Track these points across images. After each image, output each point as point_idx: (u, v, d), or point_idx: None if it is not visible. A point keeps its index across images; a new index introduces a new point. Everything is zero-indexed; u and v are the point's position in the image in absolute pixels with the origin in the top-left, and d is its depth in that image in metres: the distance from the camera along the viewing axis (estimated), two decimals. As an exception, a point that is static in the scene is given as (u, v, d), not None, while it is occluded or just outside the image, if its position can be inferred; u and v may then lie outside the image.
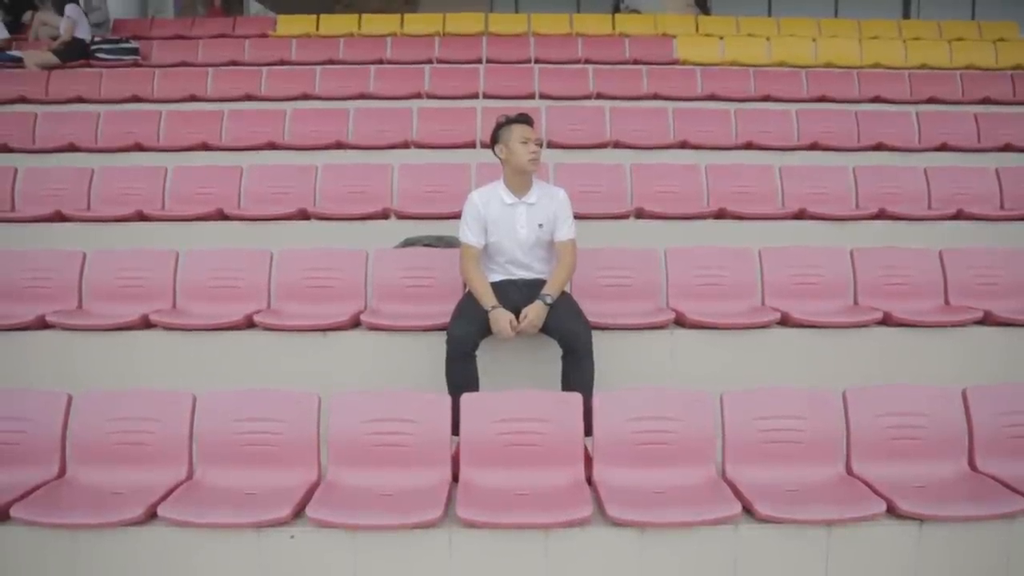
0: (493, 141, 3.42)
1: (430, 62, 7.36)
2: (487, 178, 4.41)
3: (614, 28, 8.71)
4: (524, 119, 3.39)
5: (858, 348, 3.60)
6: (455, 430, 2.72)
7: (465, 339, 3.15)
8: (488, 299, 3.24)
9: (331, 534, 2.43)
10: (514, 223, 3.36)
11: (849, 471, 2.69)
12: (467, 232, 3.38)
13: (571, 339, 3.18)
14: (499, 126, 3.40)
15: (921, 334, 3.62)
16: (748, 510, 2.47)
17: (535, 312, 3.21)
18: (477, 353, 3.20)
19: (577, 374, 3.15)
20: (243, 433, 2.68)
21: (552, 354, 3.26)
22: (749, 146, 5.66)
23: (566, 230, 3.40)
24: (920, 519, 2.47)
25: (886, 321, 3.63)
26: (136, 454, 2.66)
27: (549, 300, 3.23)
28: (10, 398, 2.79)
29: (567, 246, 3.39)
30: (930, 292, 3.85)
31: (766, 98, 6.59)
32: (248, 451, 2.66)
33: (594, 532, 2.45)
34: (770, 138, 5.73)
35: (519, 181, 3.39)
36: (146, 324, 3.61)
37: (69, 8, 7.37)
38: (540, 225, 3.37)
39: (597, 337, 3.26)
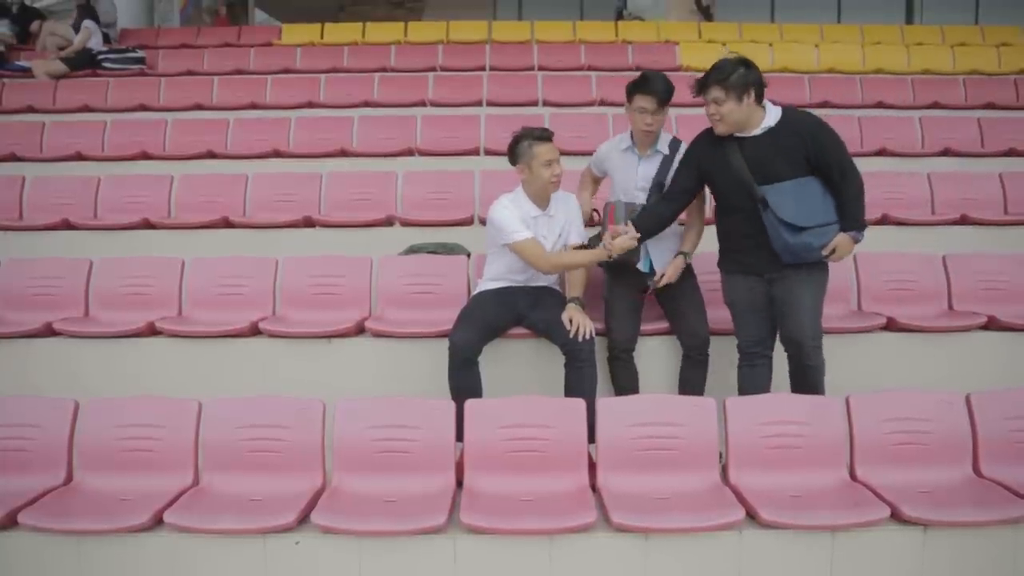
0: (512, 155, 3.32)
1: (434, 70, 7.39)
2: (491, 185, 4.43)
3: (617, 35, 8.74)
4: (545, 136, 3.25)
5: (861, 353, 3.59)
6: (459, 436, 2.73)
7: (467, 346, 3.15)
8: (595, 255, 3.25)
9: (336, 540, 2.44)
10: (537, 236, 3.32)
11: (853, 476, 2.68)
12: (521, 231, 3.26)
13: (574, 345, 3.19)
14: (518, 141, 3.29)
15: (925, 339, 3.61)
16: (752, 516, 2.47)
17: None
18: (481, 360, 3.21)
19: (579, 381, 3.15)
20: (248, 440, 2.69)
21: (555, 361, 3.26)
22: (752, 152, 5.65)
23: (577, 233, 3.40)
24: (925, 524, 2.47)
25: (890, 326, 3.62)
26: (142, 461, 2.68)
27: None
28: (17, 405, 2.81)
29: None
30: (934, 297, 3.84)
31: (769, 104, 6.58)
32: (253, 458, 2.67)
33: (598, 538, 2.46)
34: (773, 144, 5.72)
35: (541, 196, 3.35)
36: (152, 331, 3.63)
37: (88, 21, 7.58)
38: (560, 234, 3.38)
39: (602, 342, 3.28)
